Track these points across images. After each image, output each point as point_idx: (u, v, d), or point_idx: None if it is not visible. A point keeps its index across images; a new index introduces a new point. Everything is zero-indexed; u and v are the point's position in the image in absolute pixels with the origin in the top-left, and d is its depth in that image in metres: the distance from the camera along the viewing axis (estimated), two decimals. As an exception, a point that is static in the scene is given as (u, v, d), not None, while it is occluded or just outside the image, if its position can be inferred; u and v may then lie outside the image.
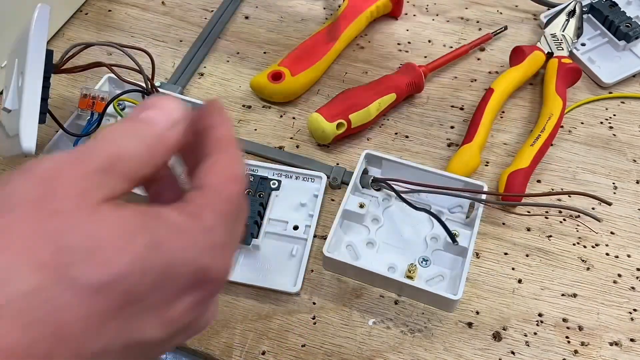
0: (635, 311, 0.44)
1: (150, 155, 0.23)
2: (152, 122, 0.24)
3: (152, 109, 0.24)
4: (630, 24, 0.57)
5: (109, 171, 0.22)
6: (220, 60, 0.60)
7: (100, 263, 0.20)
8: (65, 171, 0.21)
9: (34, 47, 0.42)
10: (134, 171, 0.23)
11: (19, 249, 0.19)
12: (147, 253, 0.21)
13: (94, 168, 0.21)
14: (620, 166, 0.51)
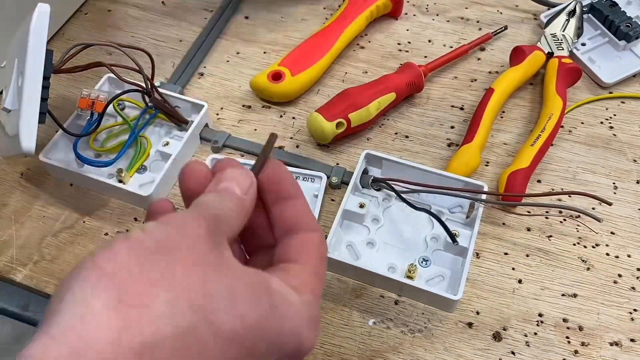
0: (635, 311, 0.44)
1: (237, 216, 0.27)
2: (232, 192, 0.28)
3: (227, 181, 0.28)
4: (631, 24, 0.57)
5: (219, 230, 0.25)
6: (220, 60, 0.60)
7: (239, 314, 0.23)
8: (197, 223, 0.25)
9: (33, 47, 0.42)
10: (232, 230, 0.27)
11: (180, 289, 0.22)
12: (269, 314, 0.24)
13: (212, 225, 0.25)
14: (621, 166, 0.51)
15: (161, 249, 0.23)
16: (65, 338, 0.20)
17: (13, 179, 0.52)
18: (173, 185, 0.51)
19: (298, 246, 0.29)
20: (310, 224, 0.30)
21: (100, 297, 0.21)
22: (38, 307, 0.46)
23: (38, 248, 0.48)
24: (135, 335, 0.21)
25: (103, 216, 0.49)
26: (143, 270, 0.22)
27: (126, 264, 0.22)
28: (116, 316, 0.21)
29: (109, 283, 0.22)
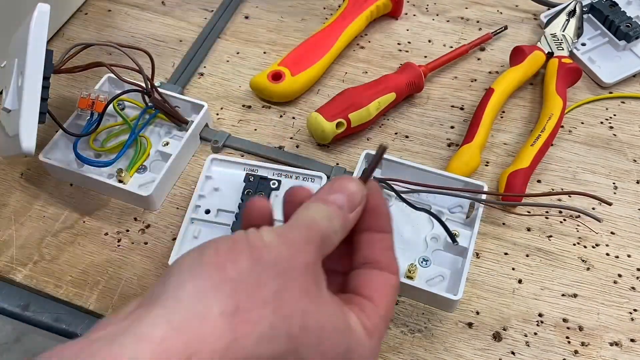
0: (635, 311, 0.44)
1: (338, 237, 0.28)
2: (341, 207, 0.28)
3: (340, 192, 0.28)
4: (631, 24, 0.57)
5: (320, 252, 0.26)
6: (220, 60, 0.60)
7: (321, 353, 0.24)
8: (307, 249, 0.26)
9: (33, 46, 0.42)
10: (328, 251, 0.27)
11: (283, 316, 0.23)
12: (343, 356, 0.25)
13: (318, 249, 0.26)
14: (621, 166, 0.51)
15: (276, 268, 0.24)
16: (182, 333, 0.22)
17: (13, 179, 0.52)
18: (173, 186, 0.51)
19: (378, 284, 0.29)
20: (393, 265, 0.30)
21: (220, 303, 0.23)
22: (38, 307, 0.46)
23: (38, 248, 0.48)
24: (239, 350, 0.22)
25: (103, 216, 0.49)
26: (259, 287, 0.23)
27: (246, 274, 0.23)
28: (230, 327, 0.22)
29: (229, 290, 0.23)
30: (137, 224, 0.49)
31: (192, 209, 0.47)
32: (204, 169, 0.49)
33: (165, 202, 0.50)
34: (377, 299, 0.29)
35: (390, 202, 0.48)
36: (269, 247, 0.25)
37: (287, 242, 0.25)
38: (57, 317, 0.46)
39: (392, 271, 0.30)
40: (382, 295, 0.29)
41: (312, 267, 0.25)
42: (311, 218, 0.27)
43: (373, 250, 0.30)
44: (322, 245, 0.26)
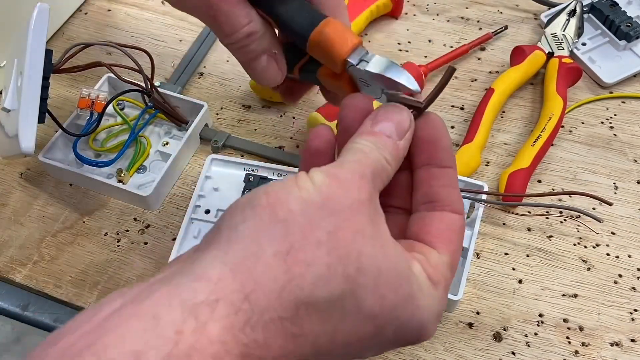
0: (635, 311, 0.44)
1: (392, 167, 0.27)
2: (388, 134, 0.27)
3: (386, 121, 0.27)
4: (631, 24, 0.57)
5: (375, 187, 0.25)
6: (220, 60, 0.60)
7: (380, 296, 0.24)
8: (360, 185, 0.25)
9: (33, 46, 0.42)
10: (383, 184, 0.26)
11: (339, 257, 0.23)
12: (404, 303, 0.24)
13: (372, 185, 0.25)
14: (621, 166, 0.51)
15: (327, 208, 0.23)
16: (240, 275, 0.22)
17: (13, 179, 0.52)
18: (172, 186, 0.51)
19: (441, 229, 0.28)
20: (457, 203, 0.28)
21: (273, 243, 0.22)
22: (38, 307, 0.46)
23: (37, 248, 0.48)
24: (295, 291, 0.22)
25: (103, 216, 0.49)
26: (312, 228, 0.23)
27: (298, 214, 0.23)
28: (284, 268, 0.22)
29: (281, 231, 0.23)
30: (136, 224, 0.49)
31: (191, 209, 0.47)
32: (203, 169, 0.49)
33: (165, 202, 0.50)
34: (441, 245, 0.27)
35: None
36: (319, 188, 0.24)
37: (338, 181, 0.24)
38: (57, 317, 0.45)
39: (455, 210, 0.28)
40: (446, 240, 0.27)
41: (367, 204, 0.24)
42: (360, 152, 0.26)
43: (432, 186, 0.28)
44: (375, 179, 0.25)
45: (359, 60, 0.31)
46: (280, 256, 0.22)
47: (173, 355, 0.19)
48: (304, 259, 0.22)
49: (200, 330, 0.20)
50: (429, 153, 0.28)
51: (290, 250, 0.22)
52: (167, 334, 0.20)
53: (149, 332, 0.20)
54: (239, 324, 0.21)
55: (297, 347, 0.22)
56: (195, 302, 0.21)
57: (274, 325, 0.21)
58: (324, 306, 0.22)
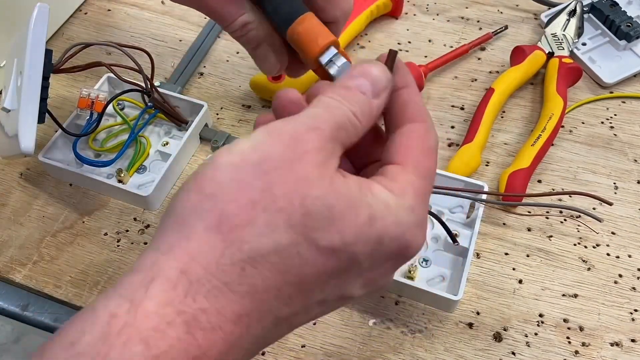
0: (636, 311, 0.44)
1: (360, 125, 0.26)
2: (363, 90, 0.26)
3: (361, 77, 0.27)
4: (631, 24, 0.57)
5: (335, 140, 0.25)
6: (220, 60, 0.60)
7: (336, 231, 0.23)
8: (307, 138, 0.24)
9: (33, 46, 0.42)
10: (350, 139, 0.26)
11: (278, 209, 0.23)
12: (367, 227, 0.24)
13: (327, 137, 0.24)
14: (621, 166, 0.51)
15: (263, 165, 0.23)
16: (173, 254, 0.22)
17: (12, 179, 0.52)
18: (172, 186, 0.51)
19: (399, 142, 0.27)
20: (414, 113, 0.27)
21: (202, 220, 0.23)
22: (37, 307, 0.46)
23: (37, 248, 0.48)
24: (235, 252, 0.22)
25: (102, 216, 0.49)
26: (242, 189, 0.23)
27: (226, 183, 0.23)
28: (219, 237, 0.22)
29: (209, 204, 0.23)
30: (136, 224, 0.49)
31: (191, 209, 0.47)
32: (203, 169, 0.49)
33: (165, 202, 0.50)
34: (403, 157, 0.26)
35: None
36: (255, 147, 0.24)
37: (279, 136, 0.24)
38: (57, 317, 0.45)
39: (415, 119, 0.27)
40: (408, 149, 0.27)
41: (314, 153, 0.24)
42: (321, 106, 0.25)
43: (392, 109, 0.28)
44: (337, 133, 0.25)
45: (328, 61, 0.32)
46: (211, 229, 0.23)
47: (106, 334, 0.21)
48: (238, 223, 0.22)
49: (135, 308, 0.21)
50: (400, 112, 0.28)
51: (222, 220, 0.23)
52: (101, 319, 0.21)
53: (86, 322, 0.22)
54: (179, 297, 0.22)
55: (258, 303, 0.23)
56: (130, 289, 0.22)
57: (219, 291, 0.22)
58: (275, 258, 0.23)
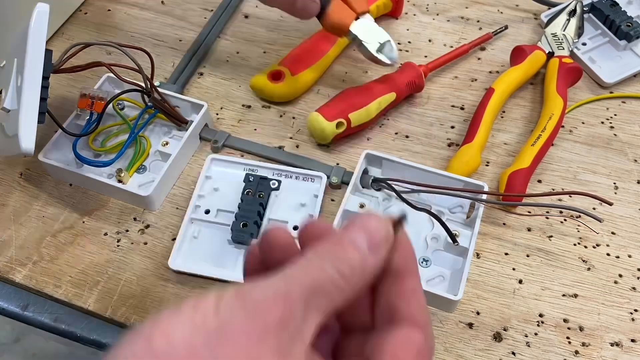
0: (636, 311, 0.44)
1: (351, 284, 0.22)
2: (356, 246, 0.23)
3: (357, 229, 0.23)
4: (631, 24, 0.57)
5: (309, 307, 0.22)
6: (220, 60, 0.60)
7: None
8: (272, 307, 0.21)
9: (33, 46, 0.42)
10: (333, 302, 0.22)
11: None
12: None
13: (297, 305, 0.21)
14: (621, 166, 0.51)
15: (219, 334, 0.20)
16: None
17: (12, 179, 0.52)
18: (172, 185, 0.51)
19: (394, 351, 0.23)
20: (415, 314, 0.24)
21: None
22: (37, 307, 0.46)
23: (37, 248, 0.48)
24: None
25: (102, 216, 0.49)
26: (192, 355, 0.20)
27: (178, 344, 0.20)
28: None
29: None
30: (136, 224, 0.49)
31: (191, 209, 0.47)
32: (203, 169, 0.49)
33: (164, 202, 0.50)
34: None
35: (390, 202, 0.48)
36: (219, 311, 0.21)
37: (244, 302, 0.21)
38: (57, 317, 0.45)
39: (414, 322, 0.24)
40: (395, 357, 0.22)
41: (275, 331, 0.21)
42: (303, 262, 0.22)
43: (389, 297, 0.24)
44: (314, 298, 0.21)
45: None
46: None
47: None
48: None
49: None
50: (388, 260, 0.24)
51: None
52: None
53: None
54: None
55: None
56: None
57: None
58: None
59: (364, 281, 0.23)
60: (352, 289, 0.22)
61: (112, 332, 0.44)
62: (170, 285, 0.45)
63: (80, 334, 0.45)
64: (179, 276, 0.46)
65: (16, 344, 0.46)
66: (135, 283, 0.46)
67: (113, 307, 0.45)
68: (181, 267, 0.45)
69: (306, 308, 0.21)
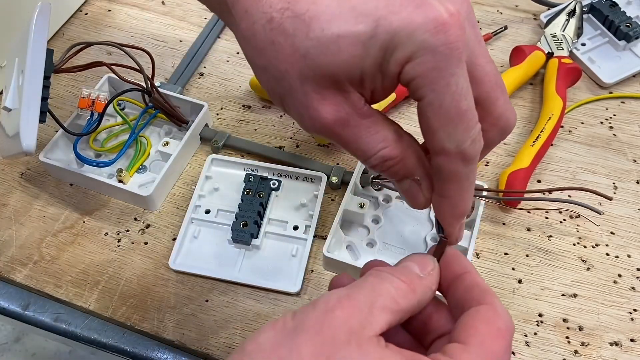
0: (635, 311, 0.44)
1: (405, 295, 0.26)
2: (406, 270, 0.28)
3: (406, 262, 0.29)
4: (631, 24, 0.57)
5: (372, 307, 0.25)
6: (221, 60, 0.60)
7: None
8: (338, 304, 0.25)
9: (34, 46, 0.42)
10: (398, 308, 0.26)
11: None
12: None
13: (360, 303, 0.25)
14: (621, 166, 0.51)
15: (297, 329, 0.24)
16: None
17: (13, 179, 0.52)
18: (173, 185, 0.51)
19: (464, 322, 0.26)
20: (479, 296, 0.27)
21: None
22: (38, 306, 0.46)
23: (38, 248, 0.48)
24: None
25: (103, 216, 0.49)
26: (275, 349, 0.24)
27: (263, 343, 0.24)
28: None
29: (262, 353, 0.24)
30: (137, 224, 0.49)
31: (192, 209, 0.47)
32: (203, 169, 0.49)
33: (165, 202, 0.50)
34: (468, 338, 0.25)
35: (390, 202, 0.48)
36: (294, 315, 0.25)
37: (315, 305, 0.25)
38: (57, 317, 0.46)
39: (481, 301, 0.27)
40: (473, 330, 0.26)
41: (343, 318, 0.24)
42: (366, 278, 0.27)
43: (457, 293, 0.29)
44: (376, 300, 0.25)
45: None
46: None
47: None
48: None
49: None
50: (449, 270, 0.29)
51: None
52: None
53: None
54: None
55: None
56: None
57: None
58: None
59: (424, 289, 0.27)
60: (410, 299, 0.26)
61: (113, 332, 0.45)
62: (171, 285, 0.45)
63: (80, 333, 0.45)
64: (179, 276, 0.46)
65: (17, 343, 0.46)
66: (135, 283, 0.46)
67: (114, 307, 0.45)
68: (181, 267, 0.45)
69: (370, 306, 0.25)
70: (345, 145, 0.29)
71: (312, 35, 0.26)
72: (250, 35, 0.27)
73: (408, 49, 0.25)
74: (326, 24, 0.25)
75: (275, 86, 0.28)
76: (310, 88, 0.27)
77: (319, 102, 0.27)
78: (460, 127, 0.26)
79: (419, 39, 0.24)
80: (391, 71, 0.26)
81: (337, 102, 0.28)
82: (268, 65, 0.28)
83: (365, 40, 0.25)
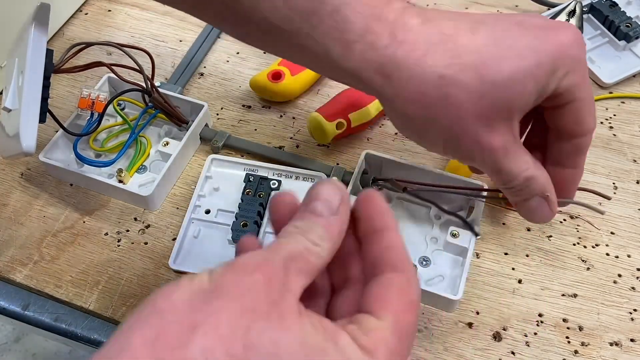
0: (635, 311, 0.44)
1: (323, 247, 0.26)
2: (317, 213, 0.27)
3: (315, 200, 0.27)
4: (631, 24, 0.57)
5: (289, 271, 0.24)
6: (221, 60, 0.60)
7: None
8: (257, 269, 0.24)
9: (34, 46, 0.42)
10: (313, 265, 0.25)
11: (219, 336, 0.22)
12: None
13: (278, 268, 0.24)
14: (621, 166, 0.51)
15: (215, 292, 0.23)
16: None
17: (13, 179, 0.52)
18: (173, 185, 0.51)
19: (378, 292, 0.26)
20: (396, 261, 0.27)
21: (141, 333, 0.22)
22: (38, 306, 0.46)
23: (38, 248, 0.48)
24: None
25: (103, 216, 0.49)
26: (190, 311, 0.23)
27: (178, 303, 0.23)
28: (150, 352, 0.22)
29: (154, 319, 0.23)
30: (137, 224, 0.49)
31: (192, 209, 0.48)
32: (203, 169, 0.49)
33: (165, 202, 0.50)
34: (381, 310, 0.25)
35: (390, 202, 0.48)
36: (212, 277, 0.24)
37: (233, 268, 0.24)
38: (57, 317, 0.46)
39: (396, 268, 0.26)
40: (386, 302, 0.25)
41: (265, 284, 0.23)
42: (282, 236, 0.26)
43: (373, 251, 0.27)
44: (292, 263, 0.25)
45: None
46: (147, 344, 0.22)
47: None
48: (174, 344, 0.22)
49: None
50: (368, 219, 0.28)
51: (159, 338, 0.22)
52: None
53: None
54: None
55: None
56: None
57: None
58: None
59: (337, 238, 0.27)
60: (327, 248, 0.26)
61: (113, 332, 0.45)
62: (171, 285, 0.45)
63: (81, 333, 0.45)
64: (179, 276, 0.46)
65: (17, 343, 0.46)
66: (135, 283, 0.46)
67: (114, 307, 0.45)
68: (181, 267, 0.45)
69: (286, 270, 0.24)
70: (496, 169, 0.33)
71: (487, 79, 0.30)
72: (419, 96, 0.31)
73: (566, 66, 0.31)
74: (496, 67, 0.30)
75: (443, 133, 0.32)
76: (482, 124, 0.31)
77: (489, 135, 0.32)
78: (594, 109, 0.34)
79: (571, 55, 0.31)
80: (549, 89, 0.31)
81: (503, 132, 0.32)
82: (437, 117, 0.32)
83: (533, 71, 0.30)
